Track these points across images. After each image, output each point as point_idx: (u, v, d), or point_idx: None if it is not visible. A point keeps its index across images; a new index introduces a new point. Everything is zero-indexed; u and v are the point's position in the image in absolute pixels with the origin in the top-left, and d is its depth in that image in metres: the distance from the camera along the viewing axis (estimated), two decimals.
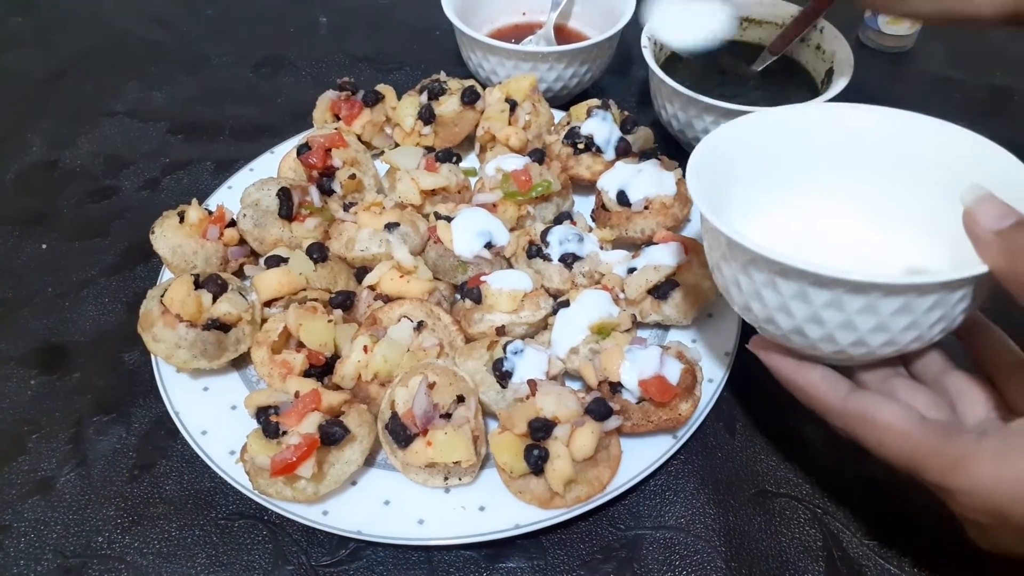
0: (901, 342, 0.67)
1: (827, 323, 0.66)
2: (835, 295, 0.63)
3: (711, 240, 0.75)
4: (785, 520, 0.85)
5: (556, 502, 0.81)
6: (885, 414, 0.65)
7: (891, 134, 0.80)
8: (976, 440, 0.60)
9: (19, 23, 1.62)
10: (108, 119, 1.38)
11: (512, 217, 1.06)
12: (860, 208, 0.84)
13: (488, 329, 0.95)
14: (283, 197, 1.03)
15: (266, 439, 0.80)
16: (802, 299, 0.65)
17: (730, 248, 0.69)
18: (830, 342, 0.67)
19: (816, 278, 0.62)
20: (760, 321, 0.72)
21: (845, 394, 0.69)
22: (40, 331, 1.06)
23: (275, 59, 1.50)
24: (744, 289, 0.71)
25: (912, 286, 0.61)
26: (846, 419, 0.68)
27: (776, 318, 0.69)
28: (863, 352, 0.68)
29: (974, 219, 0.62)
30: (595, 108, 1.14)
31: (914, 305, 0.63)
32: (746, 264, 0.68)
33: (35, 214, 1.22)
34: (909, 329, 0.65)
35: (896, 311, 0.63)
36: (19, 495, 0.88)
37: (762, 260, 0.65)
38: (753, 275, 0.68)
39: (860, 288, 0.62)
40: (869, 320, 0.64)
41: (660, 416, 0.85)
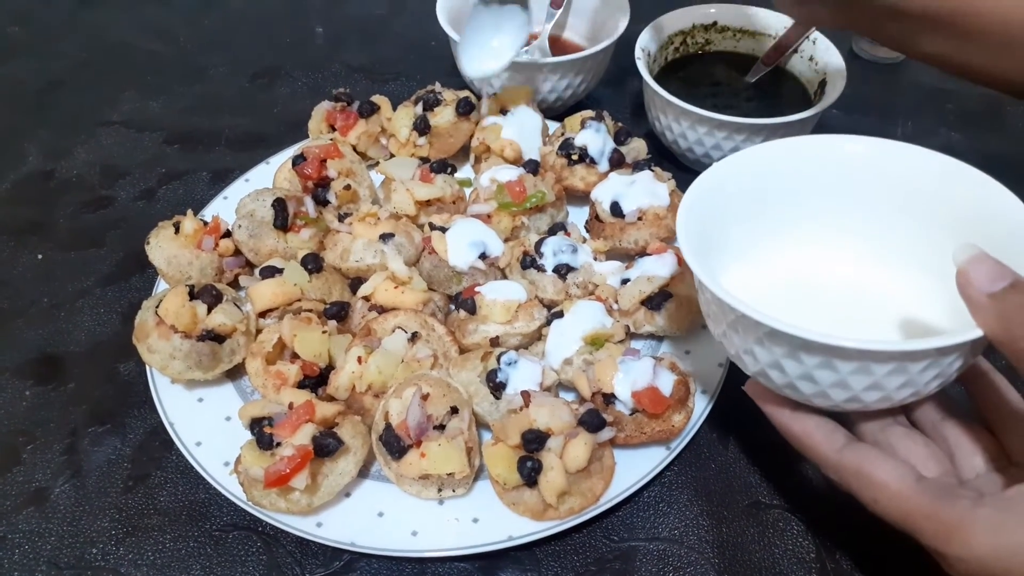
0: (896, 399, 0.66)
1: (820, 382, 0.65)
2: (826, 359, 0.63)
3: (701, 294, 0.75)
4: (779, 532, 0.85)
5: (550, 514, 0.81)
6: (881, 472, 0.64)
7: (890, 167, 0.79)
8: (972, 507, 0.60)
9: (16, 33, 1.63)
10: (104, 129, 1.38)
11: (506, 228, 1.07)
12: (858, 243, 0.83)
13: (482, 340, 0.95)
14: (278, 208, 1.03)
15: (260, 450, 0.81)
16: (793, 359, 0.65)
17: (719, 306, 0.69)
18: (824, 398, 0.67)
19: (804, 343, 0.62)
20: (754, 374, 0.72)
21: (841, 446, 0.68)
22: (35, 341, 1.06)
23: (271, 70, 1.50)
24: (736, 343, 0.70)
25: (903, 353, 0.61)
26: (841, 473, 0.68)
27: (769, 373, 0.69)
28: (858, 406, 0.68)
29: (967, 280, 0.60)
30: (589, 120, 1.15)
31: (907, 367, 0.62)
32: (735, 322, 0.68)
33: (31, 224, 1.22)
34: (904, 387, 0.64)
35: (889, 372, 0.63)
36: (13, 506, 0.89)
37: (750, 322, 0.65)
38: (743, 333, 0.68)
39: (850, 354, 0.61)
40: (863, 380, 0.64)
41: (653, 427, 0.86)
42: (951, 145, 1.31)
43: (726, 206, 0.79)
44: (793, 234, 0.84)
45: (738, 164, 0.80)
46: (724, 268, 0.79)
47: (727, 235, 0.79)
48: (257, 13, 1.67)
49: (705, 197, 0.77)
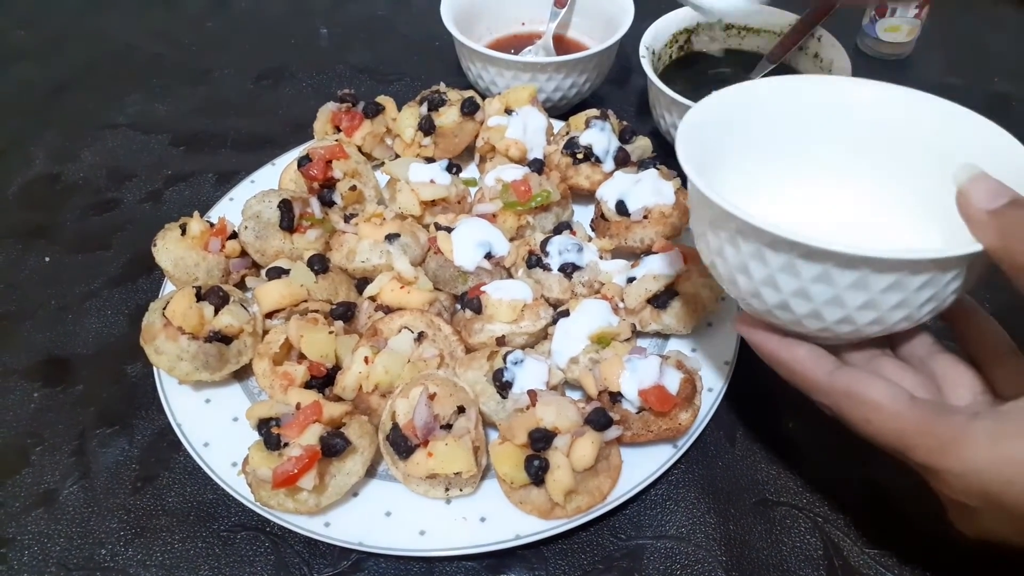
0: (889, 321, 0.65)
1: (815, 298, 0.64)
2: (825, 269, 0.61)
3: (698, 208, 0.72)
4: (786, 529, 0.85)
5: (557, 512, 0.81)
6: (873, 391, 0.63)
7: (893, 112, 0.78)
8: (968, 420, 0.59)
9: (22, 37, 1.63)
10: (111, 132, 1.39)
11: (512, 227, 1.07)
12: (858, 187, 0.82)
13: (488, 339, 0.95)
14: (284, 209, 1.04)
15: (268, 451, 0.81)
16: (790, 272, 0.63)
17: (718, 217, 0.67)
18: (816, 318, 0.66)
19: (806, 250, 0.60)
20: (745, 295, 0.70)
21: (831, 370, 0.67)
22: (43, 344, 1.06)
23: (276, 71, 1.51)
24: (730, 261, 0.68)
25: (905, 262, 0.60)
26: (832, 395, 0.67)
27: (762, 292, 0.67)
28: (850, 330, 0.66)
29: (967, 199, 0.61)
30: (594, 119, 1.15)
31: (905, 283, 0.61)
32: (734, 234, 0.66)
33: (38, 227, 1.23)
34: (899, 308, 0.64)
35: (886, 288, 0.62)
36: (23, 508, 0.89)
37: (750, 230, 0.63)
38: (740, 246, 0.66)
39: (851, 262, 0.60)
40: (858, 297, 0.63)
41: (660, 426, 0.86)
42: None
43: (724, 137, 0.78)
44: (791, 172, 0.82)
45: (739, 95, 0.79)
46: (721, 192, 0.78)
47: (723, 167, 0.77)
48: (261, 15, 1.67)
49: (705, 123, 0.75)
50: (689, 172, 0.68)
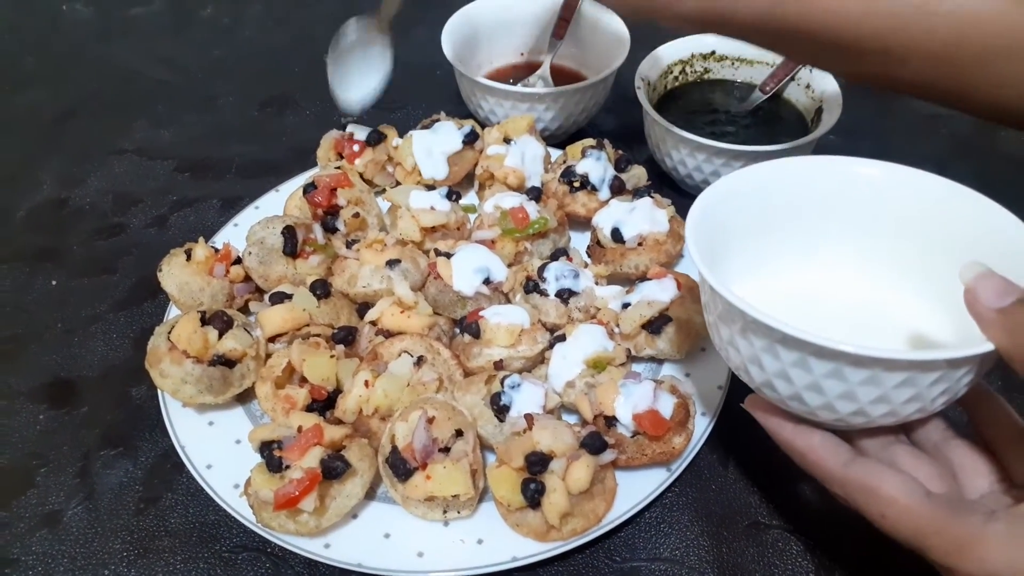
0: (903, 413, 0.66)
1: (827, 392, 0.65)
2: (836, 366, 0.62)
3: (709, 300, 0.74)
4: (778, 552, 0.87)
5: (553, 535, 0.83)
6: (889, 487, 0.63)
7: (897, 190, 0.80)
8: (984, 522, 0.59)
9: (30, 63, 1.67)
10: (117, 157, 1.41)
11: (510, 253, 1.09)
12: (862, 266, 0.83)
13: (486, 363, 0.97)
14: (287, 235, 1.06)
15: (270, 473, 0.82)
16: (802, 368, 0.64)
17: (729, 311, 0.68)
18: (830, 410, 0.67)
19: (817, 349, 0.62)
20: (758, 385, 0.72)
21: (846, 461, 0.67)
22: (49, 366, 1.08)
23: (280, 99, 1.54)
24: (742, 352, 0.70)
25: (916, 363, 0.61)
26: (847, 488, 0.67)
27: (775, 384, 0.68)
28: (863, 421, 0.67)
29: (975, 297, 0.61)
30: (590, 148, 1.18)
31: (918, 379, 0.62)
32: (744, 328, 0.68)
33: (45, 251, 1.25)
34: (912, 401, 0.64)
35: (899, 384, 0.62)
36: (27, 528, 0.90)
37: (762, 327, 0.64)
38: (752, 340, 0.67)
39: (862, 362, 0.61)
40: (871, 392, 0.63)
41: (654, 449, 0.87)
42: (946, 169, 1.32)
43: (733, 220, 0.80)
44: (798, 252, 0.84)
45: (746, 179, 0.81)
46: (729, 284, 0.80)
47: (733, 249, 0.79)
48: (266, 43, 1.70)
49: (713, 209, 0.77)
50: (701, 266, 0.70)
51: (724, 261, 0.76)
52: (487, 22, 1.43)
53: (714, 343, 0.77)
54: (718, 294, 0.67)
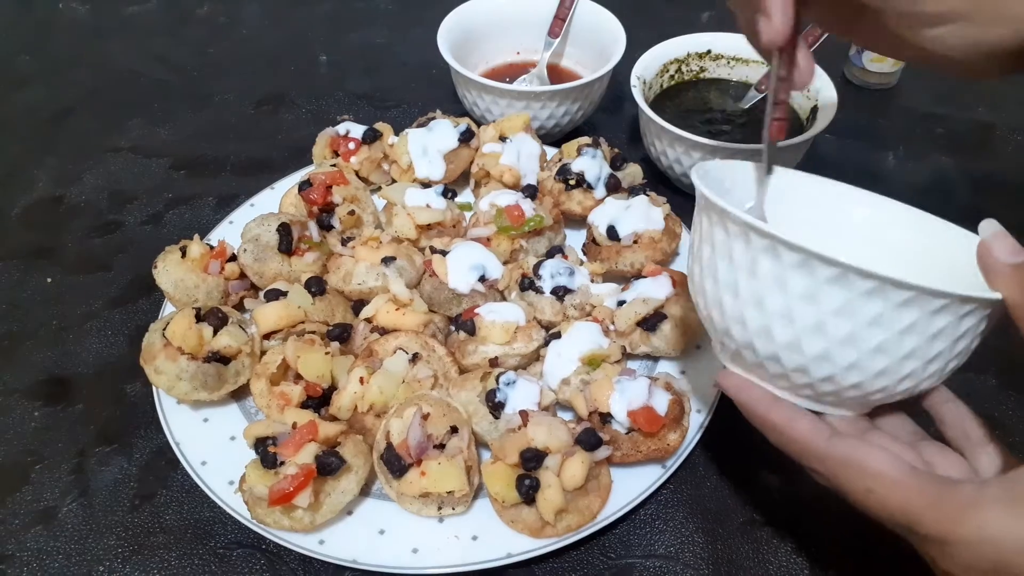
0: (898, 373, 0.64)
1: (831, 334, 0.62)
2: (851, 297, 0.60)
3: (709, 237, 0.69)
4: (772, 549, 0.87)
5: (547, 531, 0.83)
6: (875, 460, 0.62)
7: (888, 228, 0.79)
8: (979, 488, 0.58)
9: (26, 62, 1.66)
10: (113, 155, 1.41)
11: (505, 251, 1.09)
12: None
13: (482, 360, 0.97)
14: (283, 232, 1.06)
15: (264, 469, 0.83)
16: (811, 301, 0.61)
17: (738, 238, 0.65)
18: (825, 362, 0.63)
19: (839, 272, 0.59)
20: (752, 334, 0.67)
21: (828, 436, 0.65)
22: (44, 363, 1.08)
23: (276, 97, 1.54)
24: (743, 293, 0.66)
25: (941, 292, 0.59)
26: (828, 463, 0.65)
27: (773, 328, 0.64)
28: (852, 382, 0.65)
29: (989, 251, 0.62)
30: (586, 146, 1.18)
31: (923, 325, 0.61)
32: (756, 258, 0.64)
33: (40, 248, 1.25)
34: (910, 358, 0.63)
35: (905, 329, 0.61)
36: (22, 525, 0.90)
37: (783, 247, 0.61)
38: (759, 272, 0.64)
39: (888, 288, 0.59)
40: (875, 335, 0.61)
41: (649, 446, 0.88)
42: (941, 168, 1.34)
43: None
44: None
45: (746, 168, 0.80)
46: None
47: None
48: (262, 42, 1.70)
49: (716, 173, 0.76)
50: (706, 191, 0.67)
51: None
52: (483, 21, 1.43)
53: (698, 302, 0.73)
54: (734, 216, 0.63)
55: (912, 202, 0.81)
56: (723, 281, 0.68)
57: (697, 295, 0.74)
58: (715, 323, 0.71)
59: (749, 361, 0.70)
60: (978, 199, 1.28)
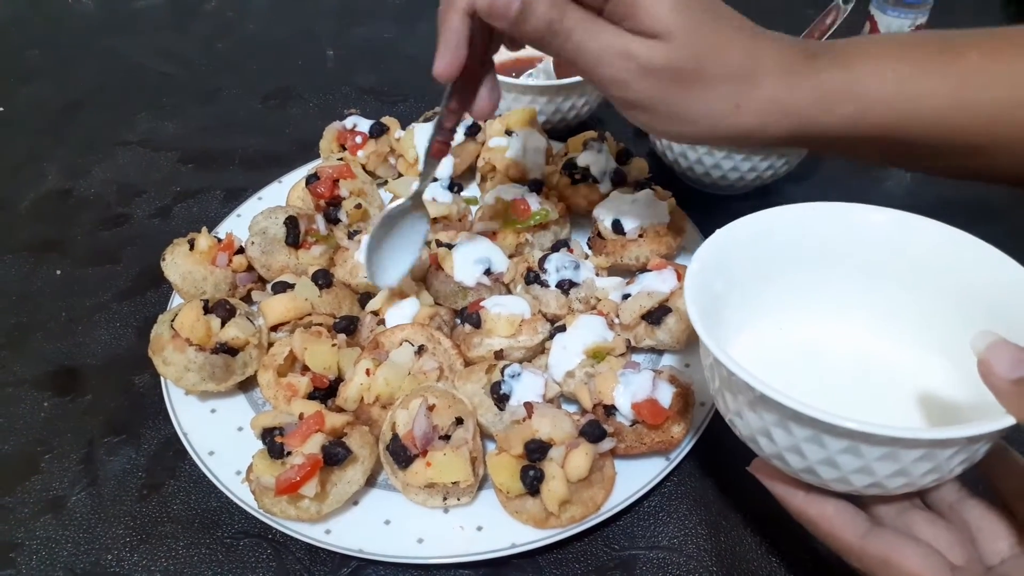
0: (920, 484, 0.64)
1: (842, 467, 0.62)
2: (852, 444, 0.60)
3: (713, 369, 0.71)
4: (776, 541, 0.87)
5: (551, 522, 0.83)
6: (911, 562, 0.61)
7: (904, 240, 0.78)
8: None
9: (35, 56, 1.68)
10: (121, 149, 1.42)
11: (511, 245, 1.10)
12: (866, 315, 0.82)
13: (487, 353, 0.98)
14: (290, 225, 1.07)
15: (271, 459, 0.83)
16: (816, 443, 0.62)
17: (735, 383, 0.66)
18: (844, 483, 0.64)
19: (830, 427, 0.59)
20: (768, 456, 0.69)
21: (863, 532, 0.65)
22: (54, 354, 1.09)
23: (283, 91, 1.54)
24: (751, 424, 0.67)
25: (936, 441, 0.59)
26: (866, 561, 0.64)
27: (786, 457, 0.66)
28: (878, 492, 0.65)
29: (989, 369, 0.59)
30: (591, 140, 1.18)
31: (937, 454, 0.60)
32: (754, 402, 0.65)
33: (50, 241, 1.26)
34: (930, 473, 0.62)
35: (918, 459, 0.60)
36: (31, 514, 0.91)
37: (772, 403, 0.62)
38: (762, 414, 0.65)
39: (880, 441, 0.59)
40: (888, 467, 0.61)
41: (653, 438, 0.88)
42: None
43: (732, 271, 0.77)
44: (799, 302, 0.82)
45: (746, 228, 0.78)
46: (731, 338, 0.77)
47: (732, 302, 0.77)
48: (270, 37, 1.71)
49: (712, 264, 0.75)
50: (703, 336, 0.67)
51: (724, 315, 0.74)
52: None
53: (719, 408, 0.74)
54: (723, 366, 0.64)
55: (912, 196, 0.81)
56: (731, 409, 0.69)
57: (716, 399, 0.74)
58: (739, 430, 0.72)
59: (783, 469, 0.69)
60: (980, 196, 1.27)
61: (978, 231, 0.77)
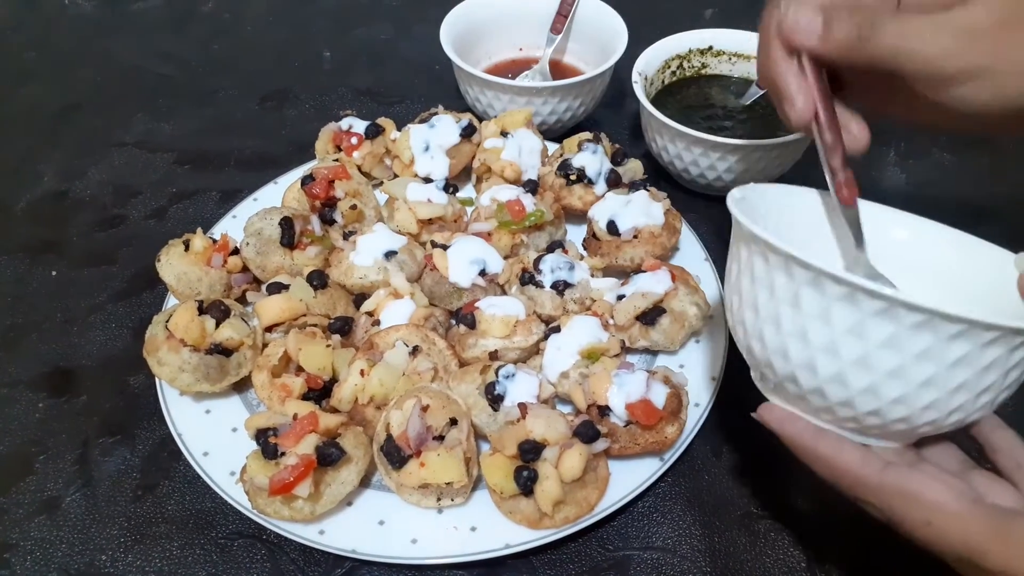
0: (946, 407, 0.62)
1: (876, 368, 0.60)
2: (898, 331, 0.58)
3: (749, 267, 0.68)
4: (770, 542, 0.87)
5: (545, 522, 0.83)
6: (934, 491, 0.59)
7: (919, 245, 0.78)
8: None
9: (32, 58, 1.67)
10: (117, 150, 1.42)
11: (506, 245, 1.10)
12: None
13: (481, 354, 0.98)
14: (285, 226, 1.07)
15: (265, 460, 0.83)
16: (857, 334, 0.59)
17: (781, 273, 0.63)
18: (872, 396, 0.61)
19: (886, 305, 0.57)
20: (795, 366, 0.65)
21: (880, 467, 0.63)
22: (49, 355, 1.09)
23: (280, 93, 1.54)
24: (784, 326, 0.64)
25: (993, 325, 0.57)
26: (882, 494, 0.62)
27: (816, 361, 0.62)
28: (900, 415, 0.62)
29: None
30: (586, 141, 1.18)
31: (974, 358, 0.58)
32: (801, 288, 0.62)
33: (46, 242, 1.26)
34: (960, 391, 0.60)
35: (955, 362, 0.58)
36: (26, 514, 0.91)
37: (828, 280, 0.59)
38: (803, 304, 0.62)
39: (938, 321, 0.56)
40: (924, 369, 0.59)
41: (647, 439, 0.88)
42: (943, 165, 1.34)
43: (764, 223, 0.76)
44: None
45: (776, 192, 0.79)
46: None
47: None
48: (266, 38, 1.71)
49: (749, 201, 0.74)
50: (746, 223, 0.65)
51: None
52: (486, 17, 1.43)
53: (737, 332, 0.72)
54: (776, 248, 0.61)
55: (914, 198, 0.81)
56: (764, 313, 0.67)
57: (736, 325, 0.73)
58: (755, 354, 0.70)
59: (791, 393, 0.68)
60: (980, 196, 1.28)
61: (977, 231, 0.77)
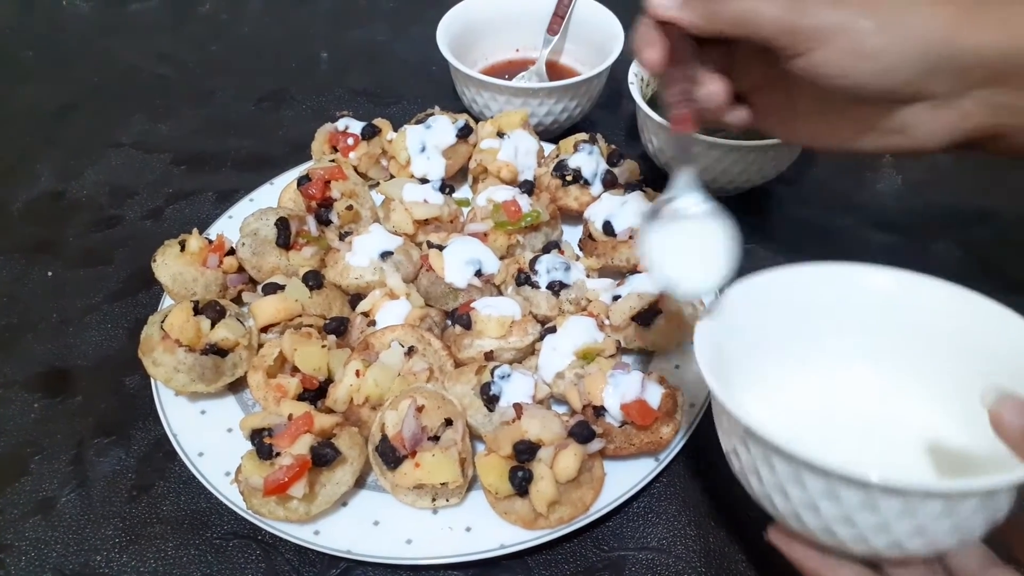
0: (941, 545, 0.63)
1: (860, 525, 0.62)
2: (869, 498, 0.60)
3: (726, 425, 0.72)
4: (764, 542, 0.87)
5: (540, 523, 0.83)
6: None
7: (910, 300, 0.79)
8: None
9: (29, 58, 1.67)
10: (114, 151, 1.42)
11: (502, 246, 1.10)
12: (872, 372, 0.82)
13: (477, 354, 0.98)
14: (281, 227, 1.07)
15: (260, 460, 0.83)
16: (832, 499, 0.62)
17: (750, 438, 0.67)
18: (863, 543, 0.64)
19: (845, 480, 0.59)
20: (783, 516, 0.69)
21: None
22: (44, 355, 1.09)
23: (276, 93, 1.54)
24: (765, 481, 0.67)
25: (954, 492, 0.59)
26: None
27: (802, 515, 0.65)
28: (899, 553, 0.64)
29: (1000, 421, 0.60)
30: (583, 142, 1.18)
31: (956, 509, 0.60)
32: (768, 455, 0.65)
33: (42, 242, 1.25)
34: (951, 533, 0.61)
35: (938, 515, 0.60)
36: (21, 515, 0.91)
37: (787, 458, 0.62)
38: (776, 468, 0.65)
39: (898, 492, 0.58)
40: (907, 524, 0.60)
41: (642, 439, 0.88)
42: (937, 163, 1.33)
43: (739, 332, 0.78)
44: (806, 360, 0.83)
45: (751, 290, 0.79)
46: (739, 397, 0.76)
47: (739, 360, 0.78)
48: (263, 38, 1.71)
49: (719, 325, 0.75)
50: (716, 391, 0.68)
51: (731, 373, 0.74)
52: (482, 18, 1.44)
53: (732, 469, 0.75)
54: (739, 421, 0.65)
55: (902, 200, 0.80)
56: (745, 463, 0.70)
57: (730, 456, 0.74)
58: (754, 491, 0.72)
59: (799, 529, 0.69)
60: (977, 197, 1.28)
61: (968, 235, 0.77)
